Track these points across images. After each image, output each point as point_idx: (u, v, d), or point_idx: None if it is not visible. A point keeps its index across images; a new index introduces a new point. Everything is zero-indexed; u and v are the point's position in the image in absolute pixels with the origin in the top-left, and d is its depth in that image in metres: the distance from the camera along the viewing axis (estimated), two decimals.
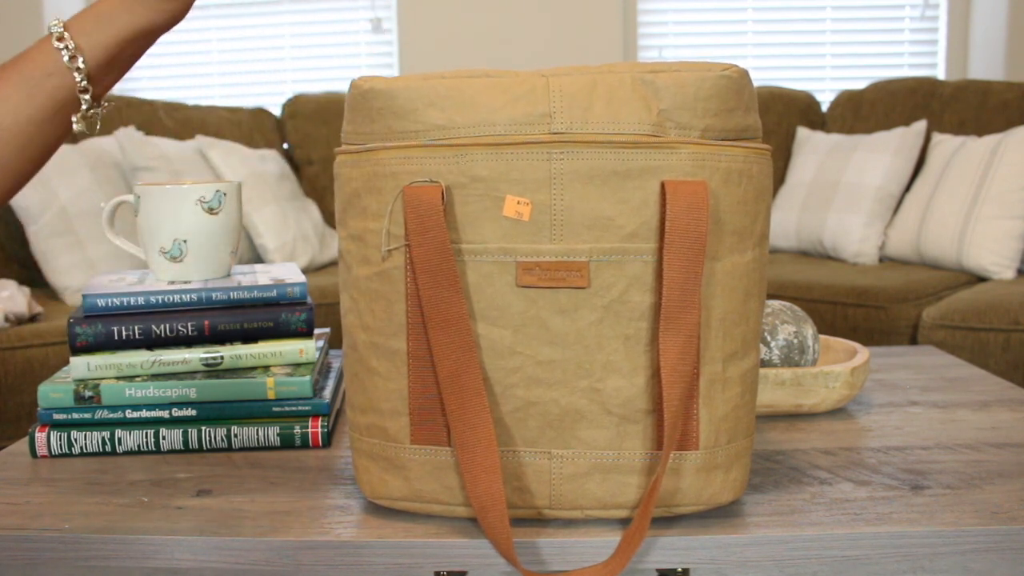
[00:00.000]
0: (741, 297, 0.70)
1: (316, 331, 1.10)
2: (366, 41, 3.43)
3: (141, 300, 0.93)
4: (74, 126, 0.69)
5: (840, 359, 1.10)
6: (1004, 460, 0.84)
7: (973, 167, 2.34)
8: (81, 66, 0.65)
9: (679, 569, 0.71)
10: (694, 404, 0.70)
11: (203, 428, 0.90)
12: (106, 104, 0.69)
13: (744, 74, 0.69)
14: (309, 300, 0.98)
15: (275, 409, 0.91)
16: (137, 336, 0.93)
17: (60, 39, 0.65)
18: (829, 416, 0.99)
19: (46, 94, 0.65)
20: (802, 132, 2.86)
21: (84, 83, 0.66)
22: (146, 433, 0.89)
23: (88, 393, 0.90)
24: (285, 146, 3.07)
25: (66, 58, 0.65)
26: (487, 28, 3.31)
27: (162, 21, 0.69)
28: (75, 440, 0.89)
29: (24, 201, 2.21)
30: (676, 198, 0.66)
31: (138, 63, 3.44)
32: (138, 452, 0.90)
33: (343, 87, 3.41)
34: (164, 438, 0.90)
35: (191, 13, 3.41)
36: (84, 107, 0.67)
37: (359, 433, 0.75)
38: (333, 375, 1.01)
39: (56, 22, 0.66)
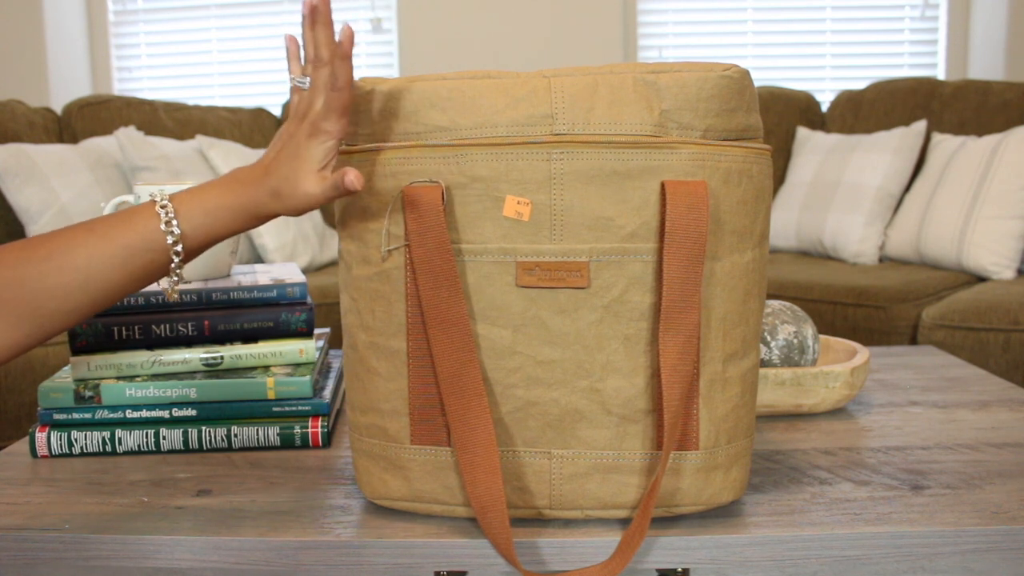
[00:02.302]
0: (741, 297, 0.70)
1: (316, 331, 1.10)
2: (366, 41, 3.43)
3: (141, 300, 0.93)
4: (165, 290, 0.73)
5: (840, 359, 1.10)
6: (1004, 460, 0.84)
7: (973, 167, 2.34)
8: (179, 250, 0.68)
9: (679, 569, 0.71)
10: (694, 404, 0.70)
11: (203, 428, 0.90)
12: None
13: (745, 74, 0.69)
14: (309, 300, 0.98)
15: (275, 409, 0.91)
16: (137, 336, 0.93)
17: (168, 225, 0.67)
18: (829, 416, 0.99)
19: (141, 267, 0.68)
20: (802, 132, 2.86)
21: (177, 263, 0.69)
22: (146, 433, 0.89)
23: (88, 393, 0.90)
24: None
25: (170, 240, 0.68)
26: (487, 28, 3.31)
27: (256, 224, 0.72)
28: (75, 440, 0.89)
29: (24, 201, 2.21)
30: (676, 198, 0.66)
31: (140, 63, 3.44)
32: (138, 452, 0.90)
33: None
34: (164, 438, 0.90)
35: (191, 13, 3.41)
36: (172, 277, 0.70)
37: (359, 433, 0.75)
38: (333, 375, 1.01)
39: (163, 199, 0.68)
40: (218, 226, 0.69)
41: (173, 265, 0.69)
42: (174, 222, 0.67)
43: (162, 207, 0.68)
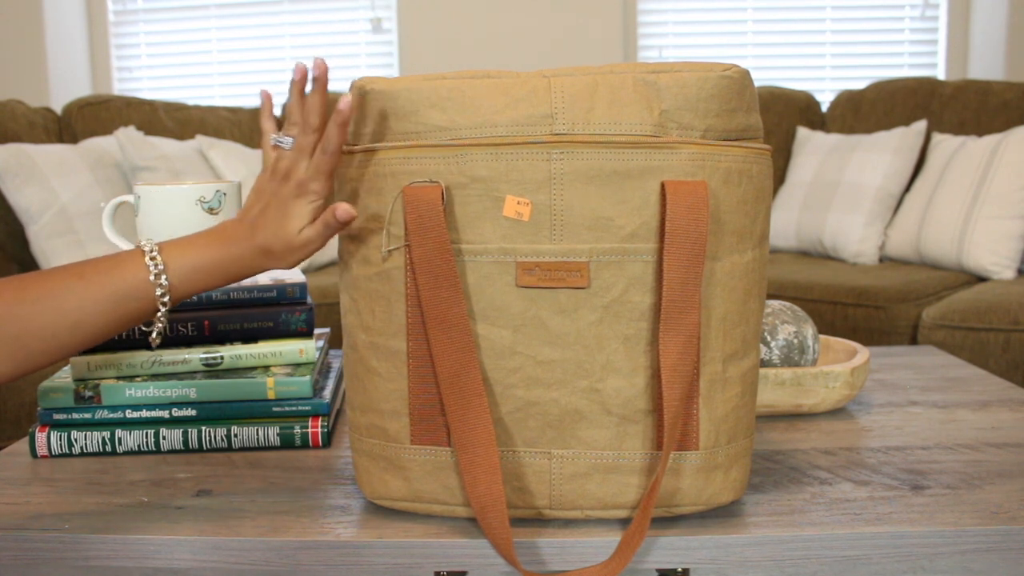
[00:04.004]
0: (741, 297, 0.70)
1: (316, 331, 1.10)
2: (366, 41, 3.43)
3: None
4: (150, 337, 0.76)
5: (840, 359, 1.10)
6: (1004, 460, 0.84)
7: (973, 167, 2.34)
8: (167, 301, 0.71)
9: (679, 569, 0.71)
10: (694, 404, 0.70)
11: (203, 428, 0.90)
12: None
13: (745, 74, 0.69)
14: (309, 300, 0.98)
15: (275, 409, 0.91)
16: (137, 336, 0.93)
17: (157, 277, 0.70)
18: (829, 416, 0.99)
19: (127, 313, 0.70)
20: (802, 132, 2.86)
21: (164, 312, 0.71)
22: (146, 433, 0.89)
23: (88, 393, 0.90)
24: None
25: (158, 292, 0.70)
26: (487, 28, 3.31)
27: (244, 277, 0.73)
28: (75, 440, 0.89)
29: (24, 201, 2.21)
30: (676, 198, 0.66)
31: (140, 63, 3.44)
32: (138, 452, 0.90)
33: (343, 87, 3.41)
34: (164, 438, 0.90)
35: (191, 13, 3.41)
36: (157, 324, 0.73)
37: (359, 433, 0.75)
38: (333, 375, 1.01)
39: (153, 250, 0.70)
40: (205, 281, 0.71)
41: (159, 314, 0.71)
42: (163, 277, 0.70)
43: (151, 259, 0.70)
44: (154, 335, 0.74)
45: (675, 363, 0.67)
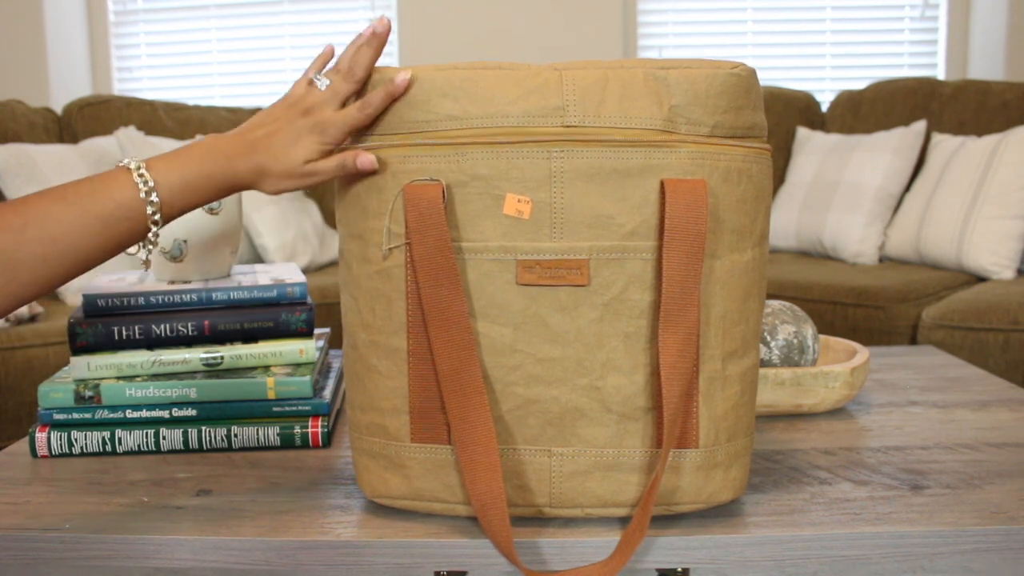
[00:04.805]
0: (741, 296, 0.70)
1: (316, 331, 1.10)
2: None
3: (141, 300, 0.93)
4: (141, 257, 0.72)
5: (840, 359, 1.10)
6: (1004, 460, 0.84)
7: (973, 167, 2.34)
8: (158, 219, 0.68)
9: (679, 569, 0.71)
10: (694, 402, 0.70)
11: (203, 428, 0.90)
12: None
13: (752, 73, 0.69)
14: (309, 300, 0.98)
15: (275, 409, 0.91)
16: (137, 336, 0.93)
17: (147, 195, 0.67)
18: (829, 416, 0.99)
19: (118, 235, 0.67)
20: (802, 132, 2.86)
21: (156, 230, 0.69)
22: (146, 433, 0.89)
23: (88, 393, 0.90)
24: None
25: (150, 211, 0.67)
26: (487, 28, 3.31)
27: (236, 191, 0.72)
28: (75, 440, 0.89)
29: None
30: (676, 196, 0.66)
31: (140, 63, 3.44)
32: (138, 452, 0.90)
33: None
34: (164, 438, 0.89)
35: (191, 13, 3.41)
36: (148, 245, 0.70)
37: (359, 432, 0.75)
38: (333, 375, 1.01)
39: (141, 168, 0.68)
40: (196, 195, 0.69)
41: (150, 234, 0.68)
42: (154, 193, 0.67)
43: (140, 176, 0.67)
44: (144, 257, 0.71)
45: (675, 361, 0.67)
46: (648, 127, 0.67)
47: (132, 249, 0.71)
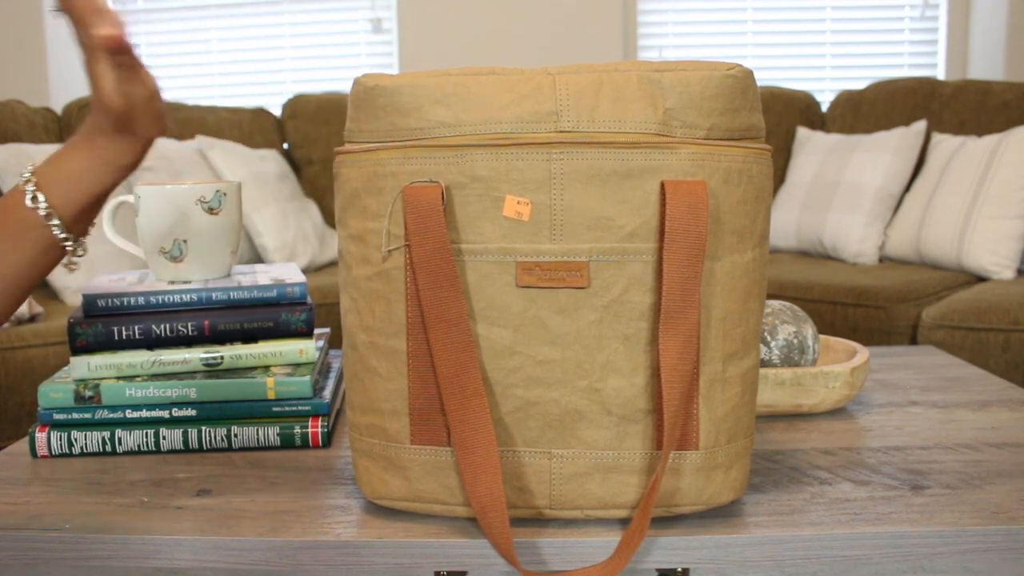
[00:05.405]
0: (741, 297, 0.70)
1: (316, 331, 1.10)
2: (366, 41, 3.43)
3: (141, 300, 0.93)
4: (67, 267, 0.71)
5: (840, 359, 1.10)
6: (1004, 460, 0.84)
7: (973, 167, 2.34)
8: (57, 222, 0.66)
9: (679, 569, 0.71)
10: (694, 404, 0.70)
11: (203, 428, 0.90)
12: (88, 236, 0.69)
13: (749, 74, 0.69)
14: (309, 300, 0.98)
15: (275, 409, 0.91)
16: (137, 336, 0.93)
17: (34, 200, 0.65)
18: (829, 416, 0.99)
19: (30, 244, 0.66)
20: (802, 132, 2.86)
21: (64, 235, 0.67)
22: (146, 433, 0.89)
23: (88, 393, 0.90)
24: (285, 146, 3.07)
25: (42, 214, 0.66)
26: (487, 29, 3.31)
27: (125, 175, 0.69)
28: (75, 440, 0.89)
29: None
30: (676, 198, 0.66)
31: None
32: (138, 452, 0.90)
33: (343, 87, 3.41)
34: (164, 438, 0.90)
35: (191, 13, 3.41)
36: (69, 250, 0.68)
37: (359, 433, 0.75)
38: (333, 375, 1.01)
39: (28, 175, 0.66)
40: (89, 188, 0.67)
41: (62, 237, 0.67)
42: (40, 196, 0.66)
43: (26, 182, 0.66)
44: (68, 262, 0.69)
45: (675, 363, 0.67)
46: (643, 131, 0.67)
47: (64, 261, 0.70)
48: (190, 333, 0.94)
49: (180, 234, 0.97)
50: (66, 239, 0.67)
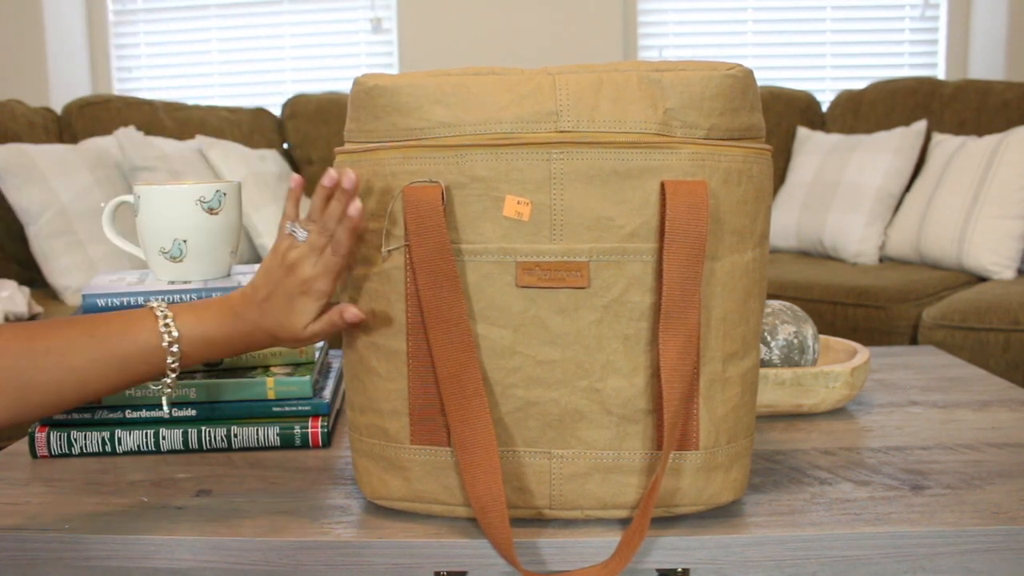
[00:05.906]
0: (741, 297, 0.70)
1: None
2: (366, 41, 3.43)
3: (141, 300, 0.93)
4: (164, 405, 0.76)
5: (840, 359, 1.10)
6: (1004, 460, 0.84)
7: (973, 167, 2.34)
8: (176, 367, 0.71)
9: (679, 569, 0.71)
10: (694, 404, 0.70)
11: (203, 428, 0.90)
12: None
13: (749, 74, 0.69)
14: None
15: (275, 409, 0.91)
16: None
17: (171, 345, 0.70)
18: (829, 416, 0.99)
19: (135, 375, 0.70)
20: (802, 132, 2.86)
21: (173, 378, 0.72)
22: (146, 433, 0.89)
23: None
24: (285, 146, 3.07)
25: (170, 360, 0.70)
26: (487, 28, 3.31)
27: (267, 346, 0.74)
28: (75, 440, 0.89)
29: (24, 201, 2.21)
30: (676, 198, 0.66)
31: (140, 63, 3.44)
32: (138, 452, 0.90)
33: (343, 87, 3.41)
34: (164, 438, 0.89)
35: (191, 13, 3.41)
36: (165, 390, 0.73)
37: (359, 433, 0.75)
38: (333, 375, 1.01)
39: (168, 319, 0.70)
40: (214, 352, 0.72)
41: (167, 379, 0.71)
42: (175, 345, 0.70)
43: (165, 326, 0.70)
44: (165, 407, 0.75)
45: (675, 363, 0.67)
46: (643, 131, 0.67)
47: (154, 386, 0.75)
48: None
49: (180, 234, 0.97)
50: (170, 382, 0.72)
